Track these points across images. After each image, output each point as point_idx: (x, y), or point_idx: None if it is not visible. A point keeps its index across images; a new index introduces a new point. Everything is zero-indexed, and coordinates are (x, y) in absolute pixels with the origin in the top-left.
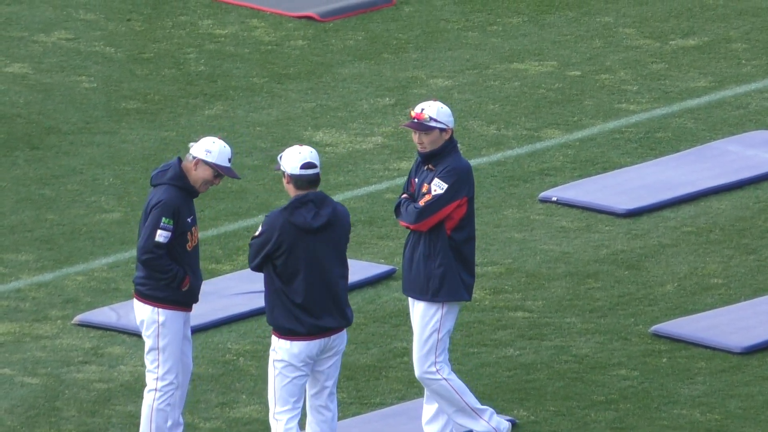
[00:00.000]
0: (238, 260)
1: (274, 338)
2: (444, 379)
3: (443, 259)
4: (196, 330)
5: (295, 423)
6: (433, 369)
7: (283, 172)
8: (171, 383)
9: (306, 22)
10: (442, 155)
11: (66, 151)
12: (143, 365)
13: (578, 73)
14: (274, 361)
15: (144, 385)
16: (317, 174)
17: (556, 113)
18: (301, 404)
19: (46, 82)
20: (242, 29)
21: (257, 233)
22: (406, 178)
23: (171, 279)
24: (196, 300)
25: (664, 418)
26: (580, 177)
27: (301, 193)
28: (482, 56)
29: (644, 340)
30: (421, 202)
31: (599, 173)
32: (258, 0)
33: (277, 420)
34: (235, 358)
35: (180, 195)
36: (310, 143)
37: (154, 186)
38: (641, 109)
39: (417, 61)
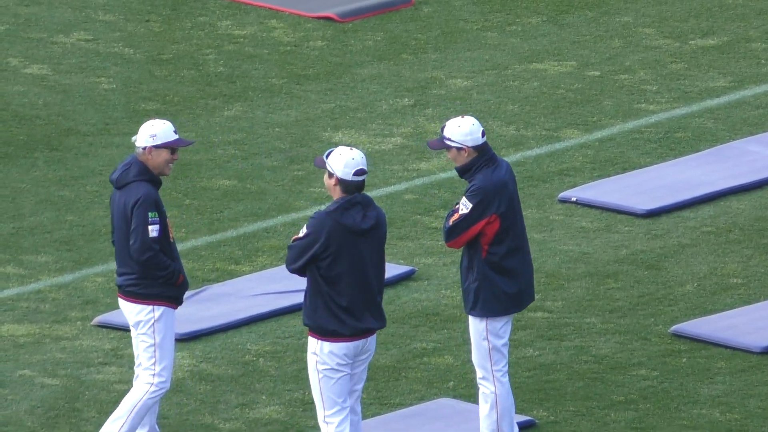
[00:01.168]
0: (257, 261)
1: (312, 341)
2: (494, 393)
3: (478, 273)
4: (216, 331)
5: (347, 424)
6: (489, 377)
7: (331, 173)
8: (166, 381)
9: (325, 22)
10: (472, 171)
11: (85, 153)
12: None
13: (597, 73)
14: (316, 364)
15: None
16: (365, 180)
17: (576, 113)
18: (348, 403)
19: (66, 83)
20: (261, 30)
21: (301, 234)
22: (424, 179)
23: (170, 275)
24: (185, 291)
25: (684, 418)
26: (600, 177)
27: (347, 195)
28: (501, 56)
29: (664, 340)
30: (450, 221)
31: (618, 173)
32: (277, 0)
33: (328, 423)
34: (254, 359)
35: (152, 188)
36: (330, 144)
37: (120, 187)
38: (661, 109)
39: (436, 61)
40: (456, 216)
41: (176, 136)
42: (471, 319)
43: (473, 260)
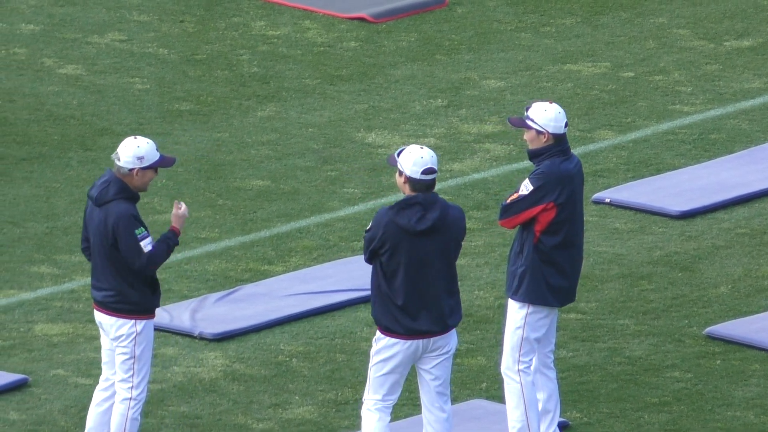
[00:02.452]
0: (290, 261)
1: (378, 330)
2: (520, 384)
3: (527, 259)
4: (249, 331)
5: (380, 414)
6: (514, 368)
7: (401, 171)
8: (143, 392)
9: (358, 23)
10: (544, 157)
11: None
12: (196, 366)
13: (632, 74)
14: (374, 351)
15: (196, 385)
16: (434, 179)
17: (610, 114)
18: (392, 399)
19: (100, 83)
20: (295, 30)
21: (368, 228)
22: (458, 179)
23: (172, 249)
24: (159, 297)
25: (718, 420)
26: (634, 178)
27: (412, 194)
28: (535, 57)
29: (698, 342)
30: (508, 200)
31: (653, 175)
32: (311, 1)
33: (365, 403)
34: (287, 359)
35: (131, 205)
36: (363, 145)
37: (100, 205)
38: (695, 111)
39: (470, 62)
40: (515, 195)
41: (159, 155)
42: (511, 303)
43: (524, 245)
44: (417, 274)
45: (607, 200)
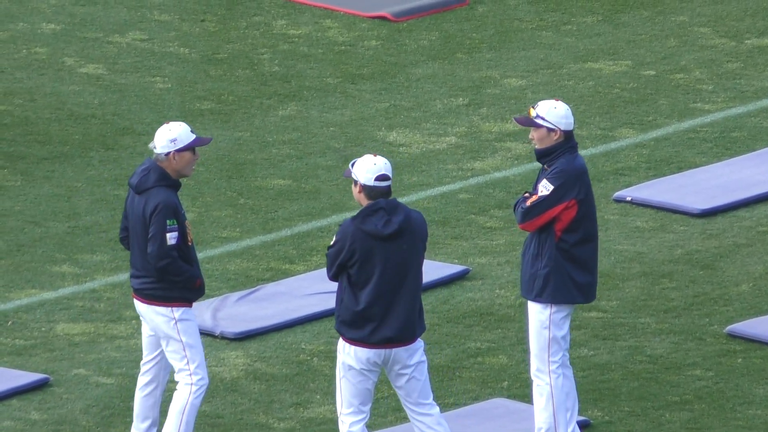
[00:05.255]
0: (311, 260)
1: (340, 341)
2: (550, 385)
3: (549, 260)
4: (270, 330)
5: (359, 426)
6: (545, 369)
7: (355, 181)
8: (203, 378)
9: (379, 22)
10: (555, 155)
11: (140, 152)
12: (218, 365)
13: (653, 72)
14: (340, 363)
15: (218, 384)
16: (389, 186)
17: (631, 113)
18: (367, 408)
19: (121, 82)
20: (316, 30)
21: (332, 243)
22: (479, 178)
23: (186, 280)
24: (202, 294)
25: (739, 418)
26: (655, 177)
27: (371, 201)
28: (556, 56)
29: (719, 341)
30: (528, 203)
31: (674, 173)
32: (332, 0)
33: (342, 422)
34: (309, 358)
35: (172, 193)
36: (384, 144)
37: (140, 192)
38: (716, 109)
39: (491, 60)
40: (535, 197)
41: (194, 136)
42: (533, 306)
43: (544, 246)
44: (387, 281)
45: (629, 198)
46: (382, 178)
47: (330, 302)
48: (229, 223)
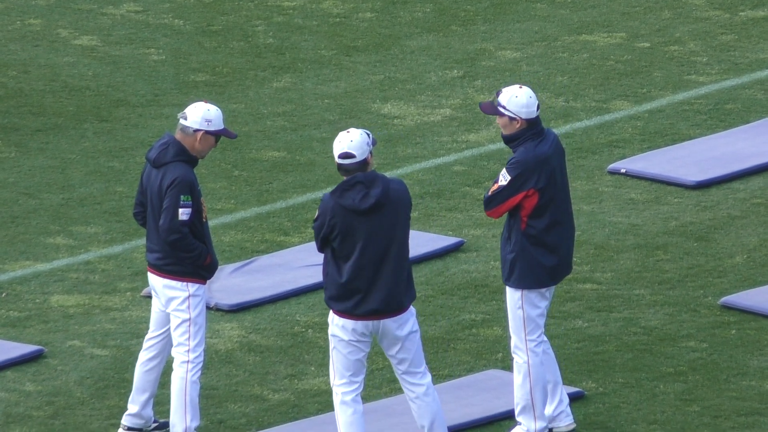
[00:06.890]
0: (306, 232)
1: (330, 312)
2: (527, 363)
3: (515, 245)
4: (265, 302)
5: (352, 396)
6: (523, 347)
7: None
8: (200, 356)
9: None
10: (517, 143)
11: (135, 124)
12: (212, 337)
13: (647, 44)
14: (330, 334)
15: (212, 356)
16: (355, 164)
17: (625, 85)
18: (359, 379)
19: (115, 54)
20: (310, 1)
21: (315, 216)
22: (473, 150)
23: (196, 257)
24: (214, 271)
25: (733, 389)
26: (649, 149)
27: (348, 176)
28: (551, 28)
29: (713, 312)
30: (490, 192)
31: (668, 145)
32: None
33: (335, 393)
34: (303, 330)
35: (190, 169)
36: (378, 116)
37: (158, 166)
38: (710, 81)
39: (485, 33)
40: (495, 186)
41: (224, 126)
42: (507, 288)
43: (512, 231)
44: (370, 253)
45: (623, 170)
46: (344, 155)
47: None
48: (224, 195)
